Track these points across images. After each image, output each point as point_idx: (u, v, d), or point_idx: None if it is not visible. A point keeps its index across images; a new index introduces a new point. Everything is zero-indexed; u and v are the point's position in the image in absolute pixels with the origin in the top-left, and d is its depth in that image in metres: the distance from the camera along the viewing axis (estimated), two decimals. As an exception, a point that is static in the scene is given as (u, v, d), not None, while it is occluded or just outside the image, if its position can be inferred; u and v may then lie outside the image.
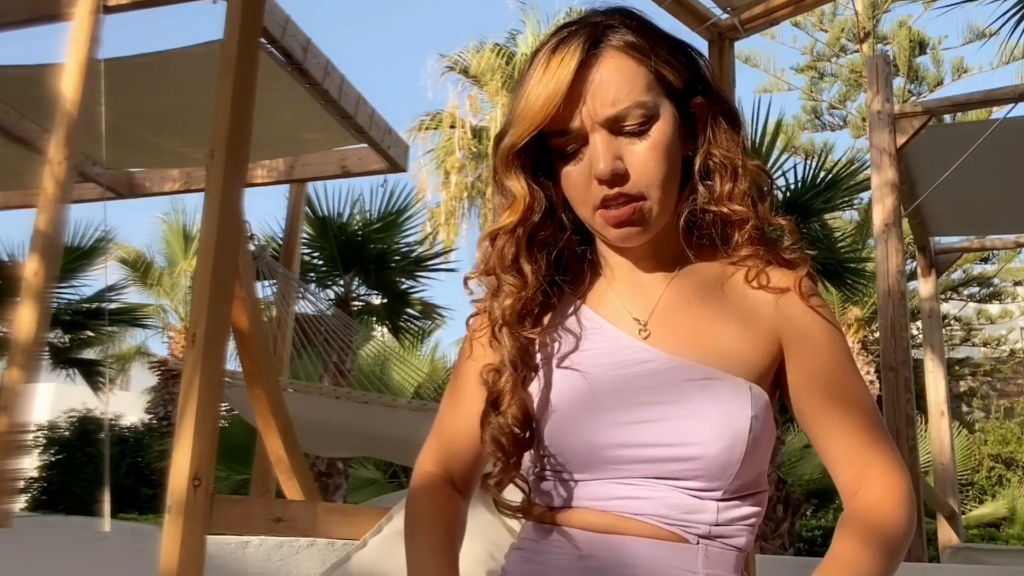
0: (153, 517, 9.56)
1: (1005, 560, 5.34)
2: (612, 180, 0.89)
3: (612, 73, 0.89)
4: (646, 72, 0.90)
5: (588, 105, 0.89)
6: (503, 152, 0.93)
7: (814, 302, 0.93)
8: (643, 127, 0.89)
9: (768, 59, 17.12)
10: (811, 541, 9.21)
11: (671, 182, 0.92)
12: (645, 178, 0.89)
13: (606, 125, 0.89)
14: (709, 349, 0.91)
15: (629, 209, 0.90)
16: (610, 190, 0.89)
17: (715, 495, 0.88)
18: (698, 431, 0.87)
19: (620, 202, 0.90)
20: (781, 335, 0.93)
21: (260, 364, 2.79)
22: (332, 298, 7.73)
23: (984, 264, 15.60)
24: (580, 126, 0.89)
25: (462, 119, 13.20)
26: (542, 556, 0.92)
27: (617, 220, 0.90)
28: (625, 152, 0.89)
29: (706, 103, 0.95)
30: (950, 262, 7.28)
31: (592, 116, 0.89)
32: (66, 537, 2.64)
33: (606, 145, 0.89)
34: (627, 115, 0.89)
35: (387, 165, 4.69)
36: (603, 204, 0.90)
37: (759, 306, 0.94)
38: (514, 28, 13.24)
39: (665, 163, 0.90)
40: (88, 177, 4.70)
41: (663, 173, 0.90)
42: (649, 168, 0.89)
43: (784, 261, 0.96)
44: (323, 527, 2.07)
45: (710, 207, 0.94)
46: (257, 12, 2.09)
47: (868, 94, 4.95)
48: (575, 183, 0.92)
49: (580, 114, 0.89)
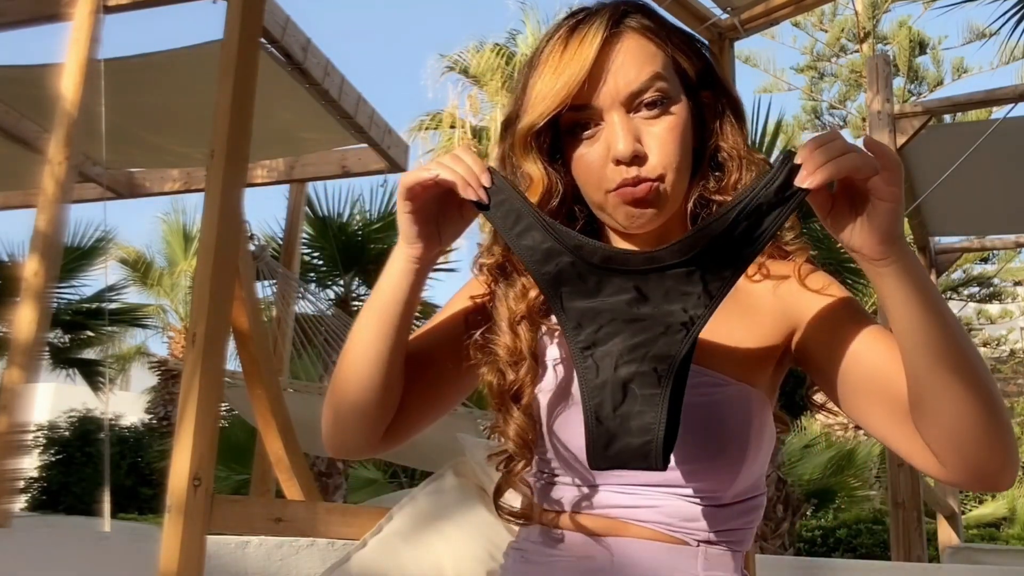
0: (153, 517, 9.56)
1: (1005, 560, 5.34)
2: (632, 160, 0.87)
3: (633, 51, 0.89)
4: (664, 56, 0.90)
5: (609, 83, 0.88)
6: (521, 133, 0.91)
7: (813, 280, 0.92)
8: (662, 105, 0.89)
9: (768, 59, 17.16)
10: (811, 541, 9.21)
11: (685, 167, 0.91)
12: (664, 160, 0.88)
13: (626, 104, 0.88)
14: (713, 353, 0.90)
15: (646, 187, 0.87)
16: (627, 172, 0.87)
17: (715, 501, 0.88)
18: (698, 438, 0.86)
19: (635, 184, 0.88)
20: (785, 322, 0.92)
21: (260, 364, 2.79)
22: (332, 298, 7.73)
23: (984, 264, 15.61)
24: (599, 105, 0.88)
25: (462, 119, 13.22)
26: (541, 556, 0.92)
27: (633, 197, 0.88)
28: (643, 133, 0.88)
29: (714, 97, 0.95)
30: (950, 262, 7.28)
31: (612, 94, 0.88)
32: (66, 537, 2.64)
33: (625, 125, 0.87)
34: (647, 89, 0.88)
35: (387, 165, 4.68)
36: (619, 187, 0.89)
37: (760, 299, 0.94)
38: (514, 28, 13.29)
39: (682, 146, 0.90)
40: (88, 177, 4.70)
41: (680, 156, 0.89)
42: (668, 150, 0.88)
43: (784, 253, 0.96)
44: (323, 527, 2.07)
45: (715, 197, 0.94)
46: (257, 12, 2.09)
47: (868, 94, 4.96)
48: (589, 165, 0.90)
49: (600, 93, 0.88)
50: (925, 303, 0.76)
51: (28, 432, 3.64)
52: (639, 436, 0.79)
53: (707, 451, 0.87)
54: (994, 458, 0.77)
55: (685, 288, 0.80)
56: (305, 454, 3.06)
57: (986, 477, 0.79)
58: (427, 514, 1.79)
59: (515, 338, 0.92)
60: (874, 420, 0.85)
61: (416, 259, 0.88)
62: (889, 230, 0.75)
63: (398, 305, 0.90)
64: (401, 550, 1.73)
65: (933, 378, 0.76)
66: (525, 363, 0.91)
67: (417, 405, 0.97)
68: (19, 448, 2.93)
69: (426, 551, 1.71)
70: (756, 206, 0.77)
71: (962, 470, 0.79)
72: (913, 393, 0.78)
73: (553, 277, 0.82)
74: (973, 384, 0.76)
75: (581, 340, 0.82)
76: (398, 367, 0.92)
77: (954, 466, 0.79)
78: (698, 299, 0.80)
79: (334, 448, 0.98)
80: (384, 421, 0.94)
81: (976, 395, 0.76)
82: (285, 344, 4.91)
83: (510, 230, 0.83)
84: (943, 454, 0.79)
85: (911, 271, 0.77)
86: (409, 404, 0.96)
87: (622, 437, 0.79)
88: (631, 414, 0.79)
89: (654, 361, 0.80)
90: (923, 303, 0.76)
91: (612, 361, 0.81)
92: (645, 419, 0.79)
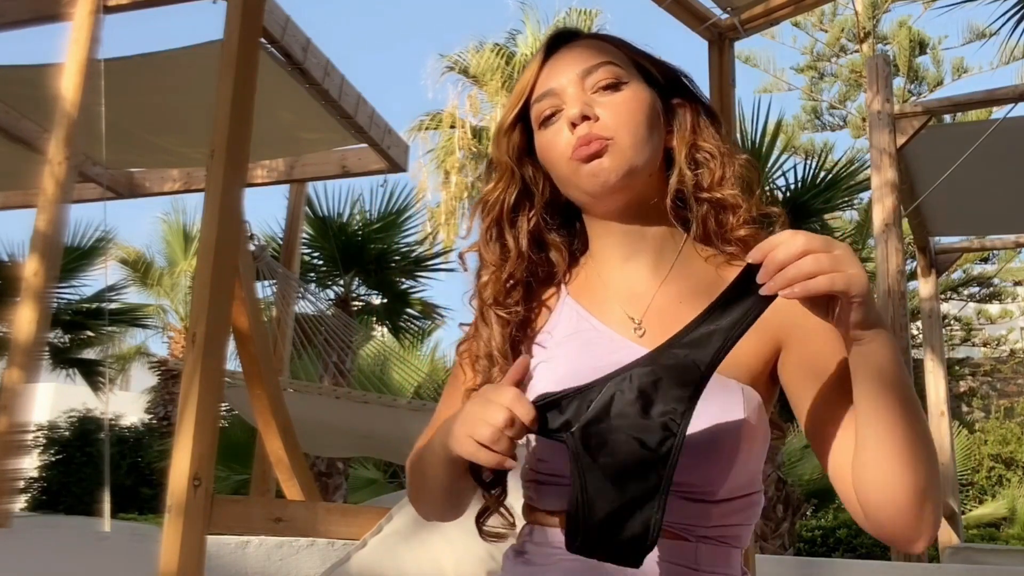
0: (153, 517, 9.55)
1: (1005, 560, 5.34)
2: (582, 120, 0.92)
3: (590, 46, 0.98)
4: (621, 53, 0.98)
5: (567, 69, 0.96)
6: (495, 130, 1.01)
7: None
8: (615, 86, 0.95)
9: (768, 59, 17.13)
10: (811, 541, 9.21)
11: (645, 137, 0.94)
12: (614, 120, 0.93)
13: (579, 81, 0.95)
14: None
15: (598, 143, 0.92)
16: (581, 131, 0.92)
17: (709, 497, 0.88)
18: (691, 436, 0.86)
19: (587, 141, 0.93)
20: (775, 328, 0.91)
21: (260, 364, 2.79)
22: (332, 298, 7.73)
23: (984, 264, 15.61)
24: (557, 87, 0.96)
25: (462, 119, 13.21)
26: (540, 557, 0.92)
27: (587, 155, 0.92)
28: (596, 104, 0.94)
29: (686, 102, 1.00)
30: (950, 262, 7.29)
31: (567, 74, 0.96)
32: (66, 537, 2.64)
33: (577, 94, 0.94)
34: (598, 67, 0.95)
35: (387, 165, 4.69)
36: (575, 149, 0.93)
37: None
38: (514, 28, 13.27)
39: (638, 114, 0.94)
40: (88, 177, 4.71)
41: (635, 121, 0.94)
42: (619, 112, 0.93)
43: None
44: (323, 527, 2.07)
45: (702, 195, 0.96)
46: (257, 12, 2.09)
47: (868, 94, 4.96)
48: (550, 141, 0.96)
49: (558, 78, 0.96)
50: (890, 388, 0.79)
51: (28, 432, 3.65)
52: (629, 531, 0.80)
53: (700, 448, 0.87)
54: (910, 532, 0.81)
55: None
56: (305, 454, 3.06)
57: (899, 543, 0.83)
58: (427, 514, 1.79)
59: (491, 334, 0.97)
60: (823, 456, 0.88)
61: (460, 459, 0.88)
62: (858, 321, 0.77)
63: (447, 477, 0.93)
64: (401, 550, 1.73)
65: (879, 451, 0.79)
66: (499, 363, 0.96)
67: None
68: (19, 448, 2.93)
69: (426, 551, 1.71)
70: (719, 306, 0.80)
71: (879, 530, 0.83)
72: (858, 455, 0.82)
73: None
74: (913, 467, 0.79)
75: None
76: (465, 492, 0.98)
77: (875, 525, 0.83)
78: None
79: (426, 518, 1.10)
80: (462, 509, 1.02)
81: (914, 477, 0.79)
82: (285, 344, 4.91)
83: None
84: (869, 511, 0.82)
85: (883, 352, 0.79)
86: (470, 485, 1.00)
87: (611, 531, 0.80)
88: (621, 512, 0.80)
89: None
90: (888, 388, 0.79)
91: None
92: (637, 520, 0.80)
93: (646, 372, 0.81)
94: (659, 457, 0.79)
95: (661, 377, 0.81)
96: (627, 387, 0.81)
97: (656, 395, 0.80)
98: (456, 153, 13.09)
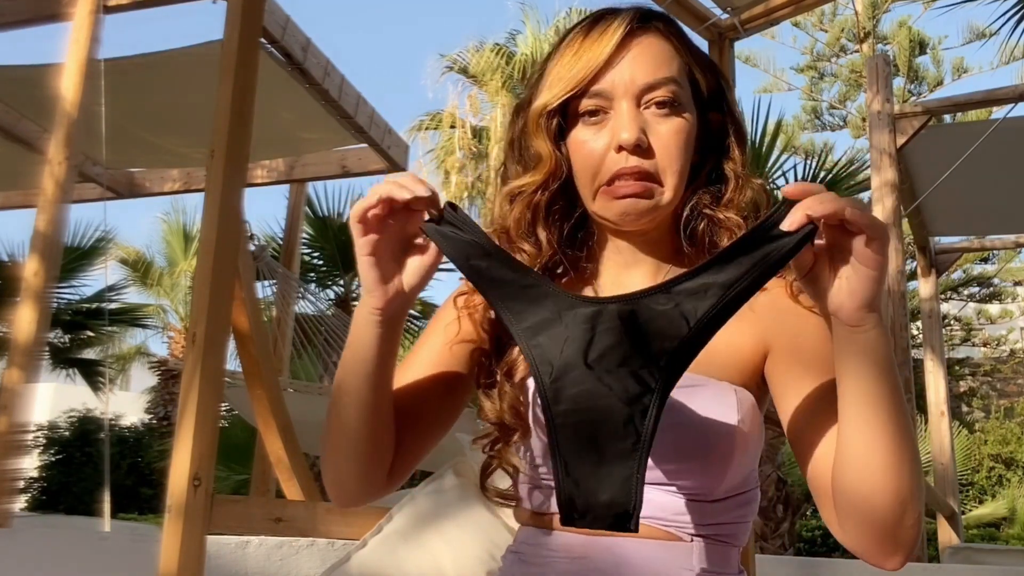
0: (153, 517, 9.56)
1: (1005, 560, 5.34)
2: (635, 150, 0.87)
3: (654, 49, 0.91)
4: (681, 63, 0.92)
5: (625, 73, 0.89)
6: (535, 112, 0.92)
7: (804, 298, 0.91)
8: (671, 106, 0.90)
9: (768, 59, 17.13)
10: (811, 541, 9.22)
11: (684, 175, 0.91)
12: (666, 159, 0.89)
13: (638, 96, 0.89)
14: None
15: (641, 185, 0.88)
16: (628, 161, 0.88)
17: (705, 496, 0.88)
18: (684, 438, 0.86)
19: (634, 177, 0.88)
20: (764, 329, 0.91)
21: (260, 364, 2.79)
22: (332, 298, 7.74)
23: (984, 264, 15.61)
24: (612, 92, 0.89)
25: (462, 119, 13.21)
26: (538, 558, 0.92)
27: (627, 191, 0.88)
28: (650, 129, 0.89)
29: (722, 118, 0.96)
30: (950, 262, 7.28)
31: (627, 83, 0.89)
32: (66, 537, 2.64)
33: (633, 114, 0.88)
34: (661, 86, 0.89)
35: (387, 165, 4.69)
36: (614, 178, 0.89)
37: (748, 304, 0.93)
38: (514, 28, 13.26)
39: (685, 152, 0.91)
40: (88, 177, 4.71)
41: (682, 161, 0.90)
42: (671, 151, 0.89)
43: None
44: (323, 527, 2.07)
45: (706, 211, 0.94)
46: (257, 12, 2.09)
47: (868, 94, 4.96)
48: (592, 151, 0.90)
49: (615, 81, 0.89)
50: (881, 383, 0.75)
51: (28, 432, 3.64)
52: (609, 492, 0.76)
53: (694, 449, 0.87)
54: (887, 542, 0.77)
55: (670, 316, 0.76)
56: (305, 454, 3.06)
57: (872, 555, 0.79)
58: (427, 514, 1.79)
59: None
60: (803, 459, 0.85)
61: (378, 310, 0.84)
62: (869, 298, 0.74)
63: (369, 364, 0.86)
64: (401, 550, 1.73)
65: (864, 450, 0.76)
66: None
67: (414, 439, 0.95)
68: (19, 448, 2.93)
69: (426, 551, 1.71)
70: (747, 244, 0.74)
71: (855, 539, 0.79)
72: (841, 455, 0.78)
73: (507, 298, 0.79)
74: (898, 471, 0.75)
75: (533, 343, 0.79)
76: (386, 417, 0.89)
77: (850, 533, 0.79)
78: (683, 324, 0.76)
79: (341, 500, 0.94)
80: (384, 466, 0.92)
81: (897, 483, 0.75)
82: (285, 344, 4.91)
83: (466, 261, 0.80)
84: (845, 522, 0.79)
85: (879, 344, 0.75)
86: (405, 440, 0.93)
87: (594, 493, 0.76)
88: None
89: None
90: (879, 382, 0.75)
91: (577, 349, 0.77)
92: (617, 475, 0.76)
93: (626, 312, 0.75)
94: (637, 413, 0.74)
95: (641, 325, 0.75)
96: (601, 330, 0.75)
97: (634, 347, 0.75)
98: (456, 153, 13.09)
